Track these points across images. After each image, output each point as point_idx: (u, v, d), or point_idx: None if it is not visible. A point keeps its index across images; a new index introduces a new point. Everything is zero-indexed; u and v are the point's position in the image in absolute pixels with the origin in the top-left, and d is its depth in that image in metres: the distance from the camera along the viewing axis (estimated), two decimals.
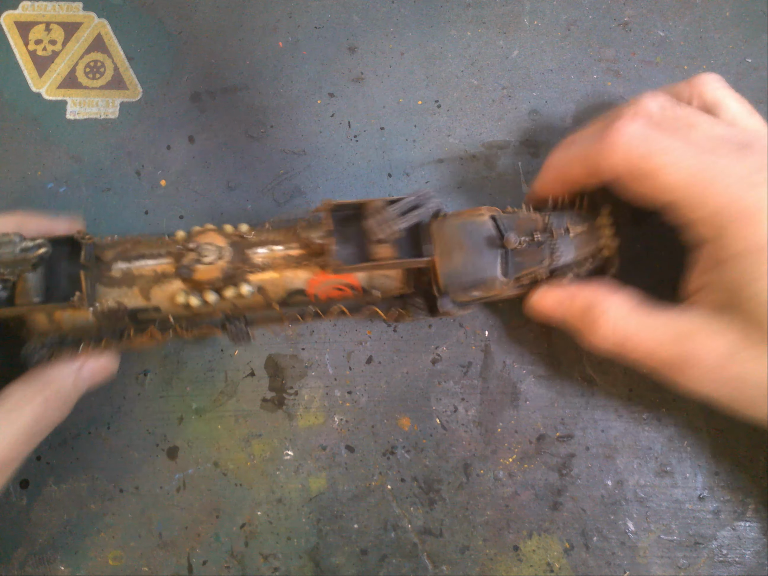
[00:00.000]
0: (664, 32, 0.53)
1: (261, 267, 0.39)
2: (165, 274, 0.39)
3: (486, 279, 0.39)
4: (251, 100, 0.52)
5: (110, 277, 0.39)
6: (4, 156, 0.51)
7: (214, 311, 0.41)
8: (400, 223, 0.37)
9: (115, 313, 0.39)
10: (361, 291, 0.41)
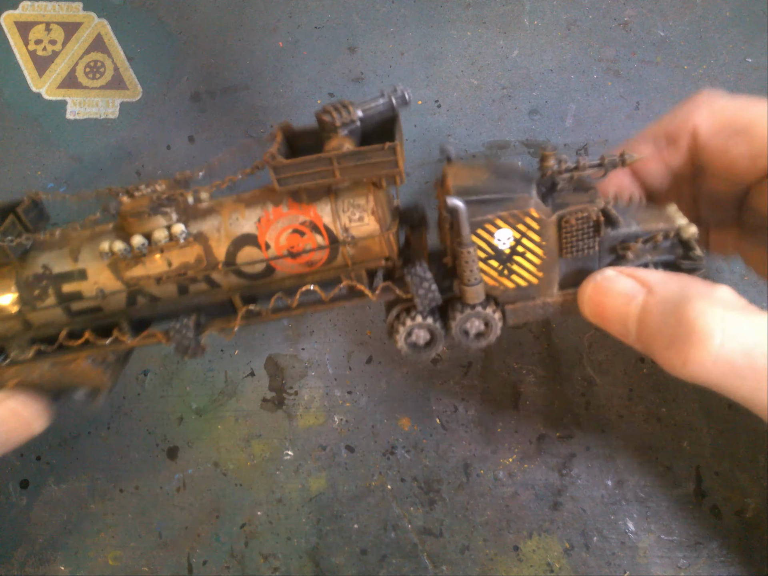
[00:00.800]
0: (664, 32, 0.53)
1: (203, 211, 0.33)
2: (101, 232, 0.34)
3: (515, 199, 0.30)
4: (251, 100, 0.52)
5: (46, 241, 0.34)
6: (4, 156, 0.51)
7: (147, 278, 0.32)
8: (358, 111, 0.30)
9: (39, 282, 0.33)
10: (326, 236, 0.32)
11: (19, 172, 0.51)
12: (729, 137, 0.31)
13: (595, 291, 0.30)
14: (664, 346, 0.27)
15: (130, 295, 0.33)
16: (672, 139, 0.33)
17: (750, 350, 0.25)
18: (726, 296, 0.27)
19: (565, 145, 0.51)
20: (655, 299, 0.28)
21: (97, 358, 0.35)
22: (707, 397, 0.46)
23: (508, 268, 0.31)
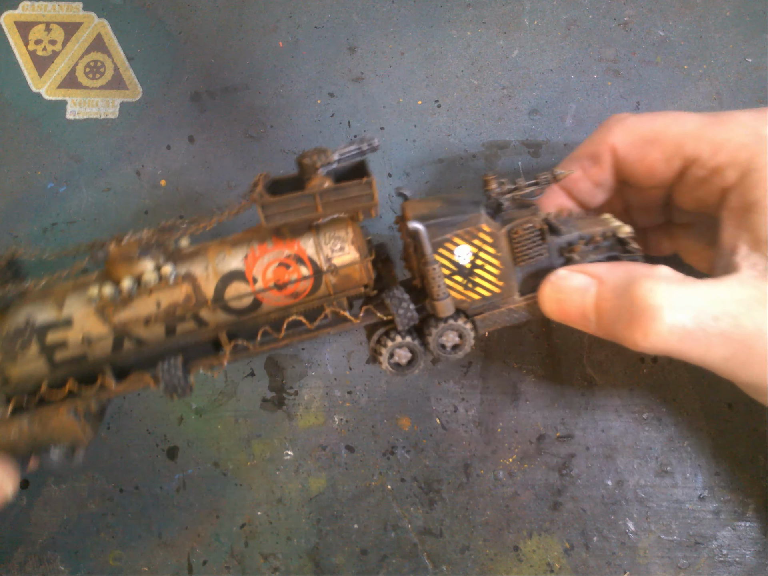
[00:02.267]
0: (664, 32, 0.53)
1: (189, 253, 0.34)
2: (86, 281, 0.34)
3: (468, 216, 0.34)
4: (251, 100, 0.52)
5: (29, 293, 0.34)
6: (4, 156, 0.51)
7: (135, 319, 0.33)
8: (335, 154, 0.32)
9: (22, 334, 0.32)
10: (310, 267, 0.34)
11: (19, 172, 0.51)
12: (643, 147, 0.36)
13: (552, 290, 0.34)
14: (623, 327, 0.31)
15: (116, 340, 0.33)
16: (595, 159, 0.38)
17: (697, 314, 0.29)
18: (666, 273, 0.31)
19: (565, 145, 0.51)
20: (606, 287, 0.32)
21: (79, 410, 0.34)
22: (707, 397, 0.46)
23: (472, 281, 0.35)
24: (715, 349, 0.30)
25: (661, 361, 0.47)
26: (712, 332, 0.29)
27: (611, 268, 0.33)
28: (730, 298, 0.30)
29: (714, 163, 0.34)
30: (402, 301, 0.35)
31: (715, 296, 0.30)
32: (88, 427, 0.34)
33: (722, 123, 0.34)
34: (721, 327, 0.29)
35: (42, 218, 0.50)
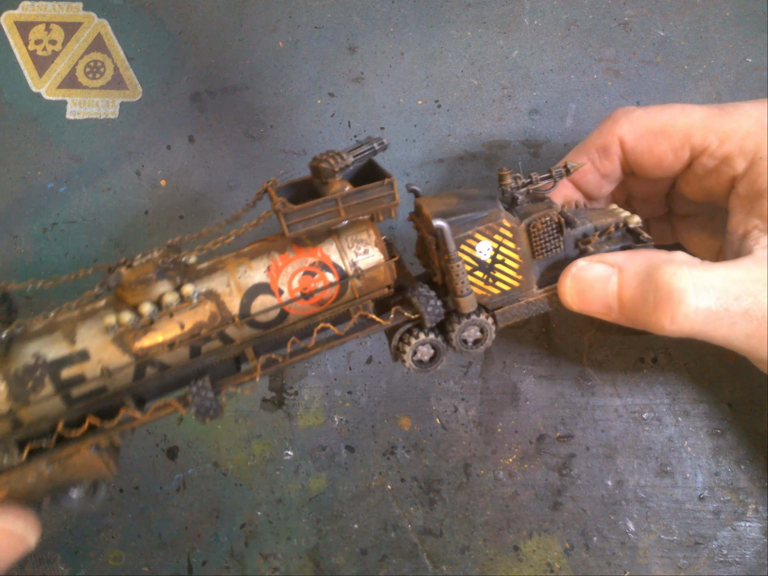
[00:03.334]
0: (664, 32, 0.53)
1: (206, 269, 0.32)
2: (94, 309, 0.31)
3: (488, 212, 0.34)
4: (251, 100, 0.52)
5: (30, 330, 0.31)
6: (4, 156, 0.51)
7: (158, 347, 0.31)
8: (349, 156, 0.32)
9: (33, 373, 0.30)
10: (336, 272, 0.33)
11: (19, 172, 0.51)
12: (651, 139, 0.36)
13: (573, 281, 0.34)
14: (649, 313, 0.31)
15: (138, 368, 0.31)
16: (604, 151, 0.38)
17: (719, 295, 0.30)
18: (684, 257, 0.32)
19: (565, 145, 0.51)
20: (627, 275, 0.32)
21: (102, 445, 0.32)
22: (707, 397, 0.46)
23: (492, 276, 0.35)
24: (738, 327, 0.31)
25: (661, 361, 0.47)
26: (734, 311, 0.30)
27: (630, 256, 0.34)
28: (749, 277, 0.31)
29: (722, 153, 0.35)
30: (429, 298, 0.35)
31: (735, 276, 0.31)
32: (111, 462, 0.32)
33: (728, 113, 0.35)
34: (743, 306, 0.30)
35: (42, 218, 0.50)
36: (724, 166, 0.35)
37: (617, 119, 0.38)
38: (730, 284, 0.31)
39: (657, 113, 0.37)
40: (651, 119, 0.37)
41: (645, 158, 0.38)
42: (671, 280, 0.30)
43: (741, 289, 0.30)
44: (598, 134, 0.39)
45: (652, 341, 0.47)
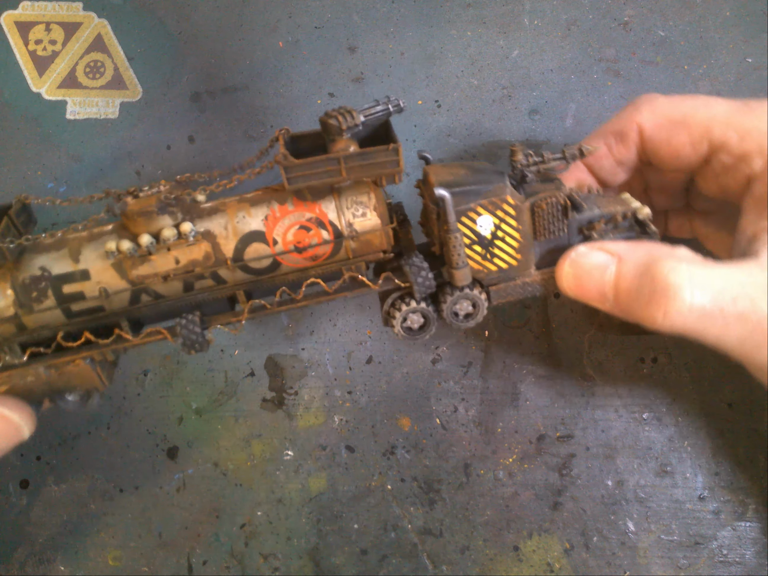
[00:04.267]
0: (664, 32, 0.53)
1: (208, 210, 0.33)
2: (101, 233, 0.33)
3: (492, 189, 0.33)
4: (251, 100, 0.52)
5: (40, 244, 0.33)
6: (4, 156, 0.51)
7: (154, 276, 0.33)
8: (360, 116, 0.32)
9: (38, 284, 0.32)
10: (331, 231, 0.33)
11: (19, 172, 0.51)
12: (670, 129, 0.35)
13: (572, 266, 0.34)
14: (643, 305, 0.31)
15: (134, 294, 0.33)
16: (621, 137, 0.37)
17: (716, 295, 0.29)
18: (686, 254, 0.32)
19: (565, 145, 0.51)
20: (626, 265, 0.32)
21: (96, 359, 0.34)
22: (707, 397, 0.46)
23: (490, 252, 0.35)
24: (731, 330, 0.30)
25: (661, 361, 0.47)
26: (729, 313, 0.30)
27: (632, 247, 0.33)
28: (749, 280, 0.30)
29: (741, 150, 0.34)
30: (421, 269, 0.34)
31: (735, 278, 0.30)
32: (104, 375, 0.35)
33: (752, 110, 0.34)
34: (739, 308, 0.30)
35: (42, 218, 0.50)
36: (742, 163, 0.34)
37: (639, 105, 0.37)
38: (728, 285, 0.30)
39: (679, 103, 0.36)
40: (672, 108, 0.36)
41: (662, 148, 0.37)
42: (668, 275, 0.30)
43: (739, 292, 0.30)
44: (618, 119, 0.38)
45: (652, 341, 0.47)
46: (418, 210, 0.39)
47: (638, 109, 0.37)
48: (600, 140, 0.39)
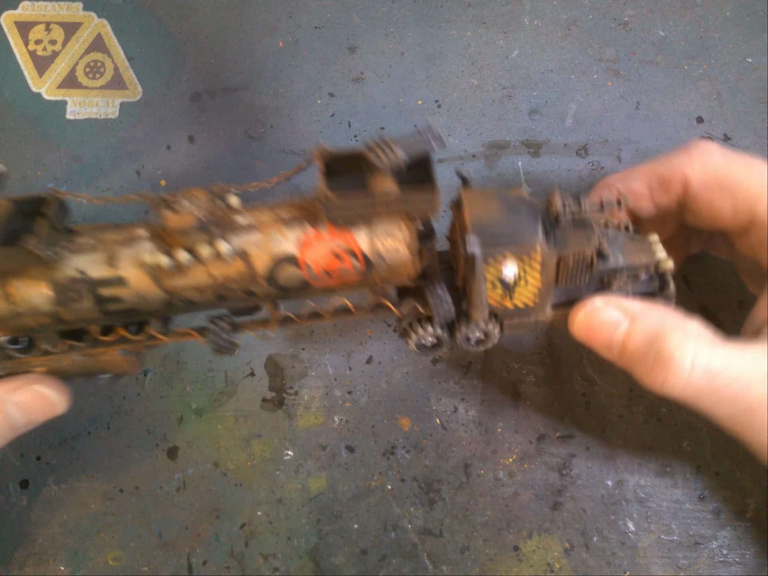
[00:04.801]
0: (664, 32, 0.53)
1: (245, 227, 0.34)
2: (136, 237, 0.34)
3: (524, 238, 0.33)
4: (251, 100, 0.52)
5: (77, 243, 0.34)
6: (4, 156, 0.51)
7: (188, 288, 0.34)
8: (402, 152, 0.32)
9: (75, 285, 0.33)
10: (362, 261, 0.34)
11: (19, 172, 0.51)
12: (715, 192, 0.34)
13: (586, 317, 0.35)
14: (644, 369, 0.33)
15: (168, 301, 0.34)
16: (664, 184, 0.36)
17: (713, 376, 0.31)
18: (696, 329, 0.32)
19: (565, 145, 0.51)
20: (637, 328, 0.33)
21: (129, 350, 0.36)
22: None
23: (510, 294, 0.35)
24: (722, 407, 0.32)
25: None
26: (723, 393, 0.31)
27: (646, 310, 0.33)
28: (749, 365, 0.31)
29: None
30: (443, 302, 0.35)
31: (735, 361, 0.31)
32: (135, 361, 0.37)
33: None
34: (733, 390, 0.31)
35: None
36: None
37: (692, 154, 0.36)
38: (727, 367, 0.31)
39: (733, 165, 0.35)
40: (725, 169, 0.35)
41: (703, 207, 0.36)
42: (674, 351, 0.31)
43: (736, 375, 0.31)
44: (667, 163, 0.37)
45: None
46: None
47: (690, 159, 0.36)
48: (643, 181, 0.38)
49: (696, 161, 0.35)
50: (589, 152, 0.51)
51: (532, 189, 0.50)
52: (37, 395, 0.35)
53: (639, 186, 0.38)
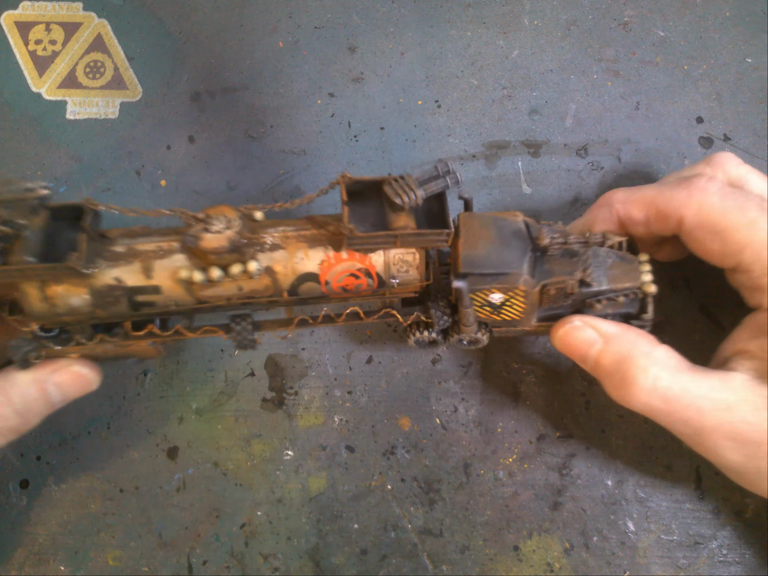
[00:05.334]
0: (664, 32, 0.53)
1: (271, 246, 0.37)
2: (170, 249, 0.37)
3: (510, 273, 0.36)
4: (251, 100, 0.52)
5: (112, 252, 0.36)
6: (4, 156, 0.51)
7: (217, 298, 0.37)
8: (420, 191, 0.34)
9: (112, 292, 0.36)
10: (376, 281, 0.38)
11: (19, 172, 0.51)
12: (707, 233, 0.36)
13: (564, 334, 0.38)
14: (611, 384, 0.37)
15: (198, 305, 0.38)
16: (661, 217, 0.38)
17: (669, 400, 0.35)
18: (662, 356, 0.36)
19: (565, 145, 0.51)
20: (609, 349, 0.37)
21: (157, 342, 0.40)
22: None
23: (498, 312, 0.39)
24: (678, 426, 0.36)
25: None
26: (678, 416, 0.36)
27: (619, 334, 0.37)
28: (704, 393, 0.35)
29: (760, 283, 0.36)
30: (444, 315, 0.40)
31: (694, 390, 0.35)
32: (160, 348, 0.40)
33: None
34: (687, 414, 0.35)
35: None
36: (757, 293, 0.37)
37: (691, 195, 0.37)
38: (684, 394, 0.35)
39: (727, 212, 0.36)
40: (718, 215, 0.36)
41: (695, 245, 0.38)
42: (637, 375, 0.35)
43: (690, 402, 0.35)
44: (668, 198, 0.38)
45: None
46: None
47: (689, 197, 0.37)
48: (642, 211, 0.39)
49: (693, 201, 0.36)
50: (589, 152, 0.51)
51: (532, 189, 0.50)
52: (74, 375, 0.39)
53: (637, 214, 0.39)
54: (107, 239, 0.37)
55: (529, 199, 0.50)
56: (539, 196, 0.50)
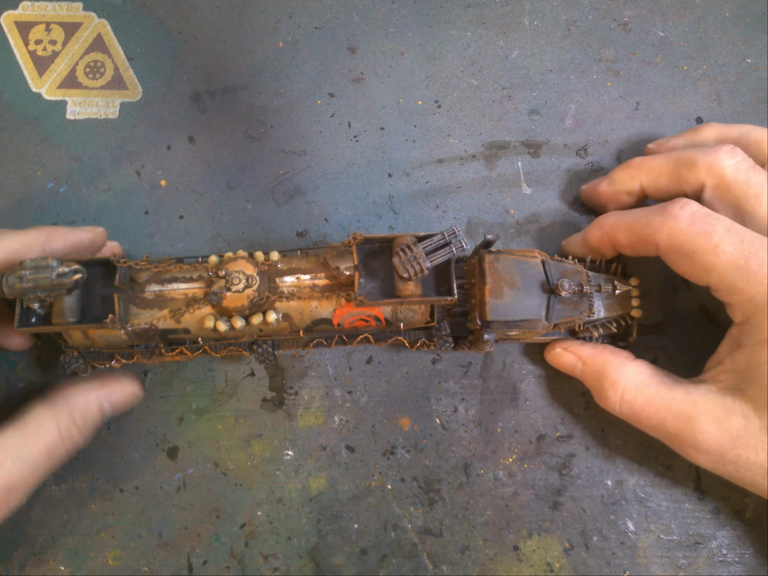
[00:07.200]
0: (664, 32, 0.53)
1: (287, 296, 0.40)
2: (195, 299, 0.40)
3: (531, 320, 0.40)
4: (251, 100, 0.52)
5: (143, 299, 0.40)
6: (4, 156, 0.51)
7: (241, 335, 0.42)
8: (427, 262, 0.37)
9: (146, 333, 0.40)
10: (384, 323, 0.42)
11: (19, 172, 0.51)
12: (678, 257, 0.39)
13: (551, 359, 0.45)
14: (595, 394, 0.43)
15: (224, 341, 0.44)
16: (641, 242, 0.41)
17: (635, 410, 0.40)
18: (632, 371, 0.41)
19: (564, 146, 0.51)
20: (588, 369, 0.42)
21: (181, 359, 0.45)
22: None
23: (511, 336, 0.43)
24: (650, 431, 0.40)
25: (660, 361, 0.47)
26: (646, 423, 0.40)
27: (594, 354, 0.42)
28: (668, 406, 0.39)
29: (729, 301, 0.38)
30: (446, 342, 0.43)
31: (657, 400, 0.39)
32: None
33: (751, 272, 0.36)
34: (654, 422, 0.39)
35: (42, 218, 0.50)
36: (728, 308, 0.39)
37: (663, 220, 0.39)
38: (649, 405, 0.39)
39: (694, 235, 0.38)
40: (686, 237, 0.38)
41: (672, 266, 0.40)
42: (608, 389, 0.41)
43: (655, 411, 0.39)
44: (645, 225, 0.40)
45: (651, 341, 0.47)
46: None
47: (662, 224, 0.39)
48: (626, 236, 0.42)
49: (665, 227, 0.39)
50: (589, 152, 0.51)
51: (531, 189, 0.51)
52: (125, 393, 0.43)
53: (622, 239, 0.42)
54: (137, 285, 0.40)
55: (529, 199, 0.50)
56: (539, 196, 0.50)
